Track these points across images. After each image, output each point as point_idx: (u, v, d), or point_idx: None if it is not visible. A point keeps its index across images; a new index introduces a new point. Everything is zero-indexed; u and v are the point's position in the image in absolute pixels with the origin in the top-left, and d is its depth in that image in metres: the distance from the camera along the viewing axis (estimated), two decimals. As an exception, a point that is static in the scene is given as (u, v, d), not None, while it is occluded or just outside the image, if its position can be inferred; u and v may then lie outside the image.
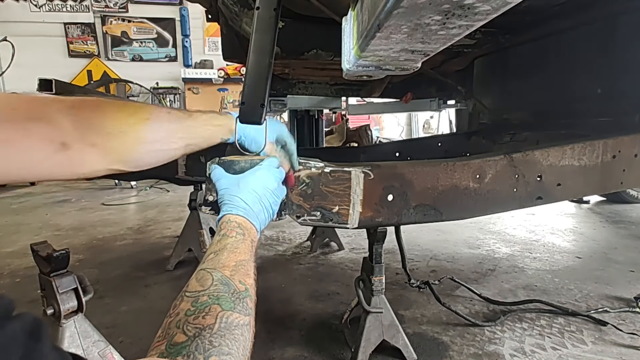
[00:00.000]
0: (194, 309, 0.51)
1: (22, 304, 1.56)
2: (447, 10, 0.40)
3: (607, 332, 1.32)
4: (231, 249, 0.63)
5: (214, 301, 0.53)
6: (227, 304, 0.54)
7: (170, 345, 0.46)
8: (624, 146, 1.23)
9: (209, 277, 0.57)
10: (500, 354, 1.21)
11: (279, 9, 0.85)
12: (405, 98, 2.54)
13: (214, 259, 0.61)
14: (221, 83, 6.39)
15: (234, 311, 0.53)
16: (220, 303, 0.53)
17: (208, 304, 0.52)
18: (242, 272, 0.60)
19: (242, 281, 0.59)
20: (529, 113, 1.81)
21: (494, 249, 2.22)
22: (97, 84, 5.83)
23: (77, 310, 0.95)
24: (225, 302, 0.54)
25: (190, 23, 6.78)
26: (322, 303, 1.57)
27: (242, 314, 0.54)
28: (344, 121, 5.21)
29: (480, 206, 1.05)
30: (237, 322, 0.52)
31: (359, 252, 2.16)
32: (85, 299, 0.96)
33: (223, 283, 0.56)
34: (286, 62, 1.92)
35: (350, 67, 0.67)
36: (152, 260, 2.09)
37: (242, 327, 0.53)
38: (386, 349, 1.16)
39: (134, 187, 4.68)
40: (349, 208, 0.94)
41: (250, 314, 0.56)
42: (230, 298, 0.55)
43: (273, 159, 0.84)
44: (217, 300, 0.53)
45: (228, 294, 0.55)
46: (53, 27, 6.36)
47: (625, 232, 2.50)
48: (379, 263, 1.12)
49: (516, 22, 1.54)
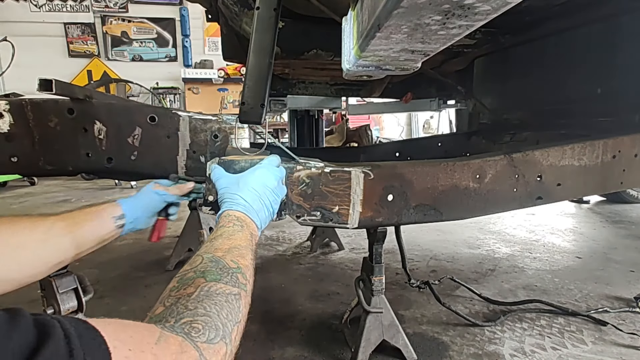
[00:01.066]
0: (178, 285, 0.50)
1: (23, 304, 1.54)
2: (447, 10, 0.40)
3: (607, 332, 1.32)
4: (227, 236, 0.63)
5: (198, 275, 0.52)
6: (211, 276, 0.52)
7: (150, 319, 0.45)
8: (624, 146, 1.23)
9: (199, 258, 0.56)
10: (500, 354, 1.21)
11: (279, 9, 0.85)
12: (405, 98, 2.53)
13: (208, 245, 0.60)
14: (221, 83, 6.39)
15: (219, 282, 0.52)
16: (204, 276, 0.52)
17: (192, 278, 0.51)
18: (235, 253, 0.59)
19: (234, 260, 0.57)
20: (529, 113, 1.81)
21: (494, 249, 2.22)
22: (97, 84, 5.83)
23: (77, 310, 0.95)
24: (210, 275, 0.52)
25: (190, 23, 6.79)
26: (322, 303, 1.57)
27: (229, 285, 0.52)
28: (344, 121, 5.21)
29: (480, 206, 1.05)
30: (221, 290, 0.51)
31: (359, 252, 2.15)
32: (85, 299, 0.97)
33: (212, 261, 0.55)
34: (286, 62, 1.92)
35: (350, 67, 0.67)
36: (152, 260, 2.09)
37: (227, 296, 0.51)
38: (386, 349, 1.16)
39: (134, 187, 4.68)
40: (349, 208, 0.94)
41: (240, 287, 0.54)
42: (216, 272, 0.53)
43: (273, 158, 0.85)
44: (202, 274, 0.52)
45: (215, 269, 0.54)
46: (53, 27, 6.36)
47: (625, 232, 2.50)
48: (379, 263, 1.12)
49: (516, 22, 1.54)
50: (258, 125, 0.92)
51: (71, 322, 0.34)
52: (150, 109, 1.01)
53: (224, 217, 0.69)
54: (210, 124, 1.00)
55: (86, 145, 0.98)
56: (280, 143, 1.18)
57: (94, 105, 0.98)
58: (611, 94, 1.42)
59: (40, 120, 0.96)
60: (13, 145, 0.95)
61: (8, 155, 0.96)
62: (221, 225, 0.66)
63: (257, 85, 0.87)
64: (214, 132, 1.00)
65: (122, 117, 0.99)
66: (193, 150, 1.01)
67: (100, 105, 0.99)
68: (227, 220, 0.68)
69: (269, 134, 0.95)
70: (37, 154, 0.97)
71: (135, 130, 0.99)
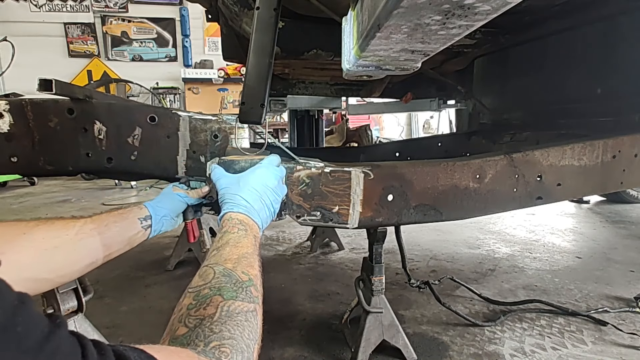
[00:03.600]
0: (196, 302, 0.51)
1: (22, 304, 1.56)
2: (447, 10, 0.40)
3: (607, 332, 1.32)
4: (233, 244, 0.63)
5: (215, 292, 0.53)
6: (228, 293, 0.53)
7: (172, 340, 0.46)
8: (624, 146, 1.23)
9: (211, 271, 0.57)
10: (500, 354, 1.21)
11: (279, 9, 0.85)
12: (405, 98, 2.53)
13: (217, 255, 0.61)
14: (221, 83, 6.39)
15: (237, 300, 0.53)
16: (221, 293, 0.53)
17: (209, 295, 0.52)
18: (244, 263, 0.60)
19: (245, 272, 0.58)
20: (529, 113, 1.81)
21: (494, 249, 2.22)
22: (97, 84, 5.83)
23: (77, 310, 0.95)
24: (226, 292, 0.53)
25: (190, 23, 6.79)
26: (322, 303, 1.57)
27: (245, 301, 0.54)
28: (344, 121, 5.21)
29: (480, 206, 1.05)
30: (239, 309, 0.52)
31: (359, 252, 2.15)
32: (85, 299, 0.97)
33: (225, 275, 0.56)
34: (286, 62, 1.92)
35: (350, 67, 0.67)
36: (152, 260, 2.09)
37: (246, 314, 0.52)
38: (386, 349, 1.16)
39: (134, 187, 4.68)
40: (349, 208, 0.94)
41: (255, 301, 0.55)
42: (232, 288, 0.54)
43: (273, 158, 0.85)
44: (219, 291, 0.53)
45: (230, 284, 0.55)
46: (53, 27, 6.36)
47: (625, 232, 2.50)
48: (379, 263, 1.12)
49: (516, 22, 1.54)
50: (258, 125, 0.92)
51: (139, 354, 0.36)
52: (150, 109, 1.01)
53: (227, 221, 0.69)
54: (210, 124, 1.00)
55: (86, 145, 0.98)
56: (280, 143, 1.18)
57: (94, 105, 0.98)
58: (611, 94, 1.42)
59: (40, 120, 0.96)
60: (13, 145, 0.95)
61: (8, 155, 0.95)
62: (225, 230, 0.67)
63: (257, 85, 0.87)
64: (214, 132, 1.00)
65: (122, 117, 0.99)
66: (193, 150, 1.01)
67: (100, 105, 0.99)
68: (230, 224, 0.68)
69: (269, 134, 0.95)
70: (37, 154, 0.97)
71: (135, 130, 0.99)
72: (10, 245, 0.60)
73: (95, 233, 0.70)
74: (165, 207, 0.83)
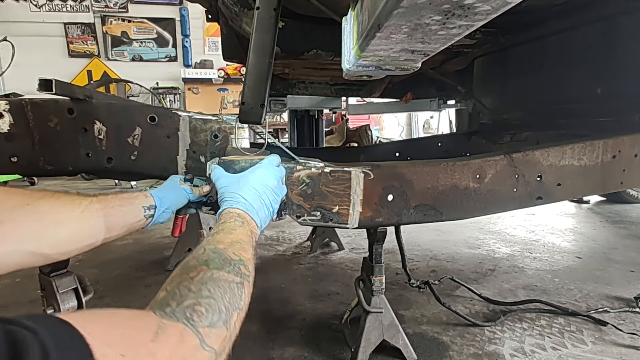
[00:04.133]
0: (181, 272, 0.50)
1: (22, 304, 1.56)
2: (447, 10, 0.40)
3: (607, 332, 1.32)
4: (228, 231, 0.63)
5: (201, 263, 0.52)
6: (214, 264, 0.52)
7: (151, 307, 0.44)
8: (624, 146, 1.23)
9: (202, 249, 0.56)
10: (500, 354, 1.21)
11: (279, 9, 0.85)
12: (405, 98, 2.53)
13: (210, 238, 0.60)
14: (221, 83, 6.39)
15: (222, 270, 0.51)
16: (207, 264, 0.51)
17: (195, 265, 0.51)
18: (237, 247, 0.59)
19: (236, 253, 0.57)
20: (529, 113, 1.81)
21: (494, 249, 2.22)
22: (97, 84, 5.83)
23: (77, 310, 0.95)
24: (212, 263, 0.52)
25: (190, 23, 6.79)
26: (322, 303, 1.57)
27: (231, 274, 0.52)
28: (344, 121, 5.21)
29: (480, 206, 1.05)
30: (224, 277, 0.50)
31: (359, 252, 2.15)
32: (85, 299, 0.97)
33: (214, 252, 0.55)
34: (286, 62, 1.92)
35: (350, 67, 0.67)
36: (152, 260, 2.09)
37: (231, 283, 0.50)
38: (386, 349, 1.16)
39: (134, 187, 4.68)
40: (349, 208, 0.94)
41: (243, 277, 0.54)
42: (219, 261, 0.53)
43: (273, 158, 0.85)
44: (205, 262, 0.52)
45: (218, 259, 0.54)
46: (53, 27, 6.36)
47: (625, 232, 2.50)
48: (379, 263, 1.12)
49: (516, 22, 1.54)
50: (258, 125, 0.92)
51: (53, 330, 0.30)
52: (150, 109, 1.01)
53: (224, 214, 0.69)
54: (210, 124, 1.00)
55: (86, 145, 0.98)
56: (280, 143, 1.18)
57: (94, 105, 0.98)
58: (611, 94, 1.42)
59: (40, 120, 0.96)
60: (13, 145, 0.95)
61: (8, 155, 0.96)
62: (222, 221, 0.67)
63: (257, 85, 0.87)
64: (214, 132, 1.00)
65: (122, 117, 0.99)
66: (193, 150, 1.01)
67: (100, 105, 0.99)
68: (228, 216, 0.68)
69: (269, 134, 0.95)
70: (37, 154, 0.97)
71: (135, 130, 0.99)
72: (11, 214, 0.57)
73: (101, 214, 0.68)
74: (170, 199, 0.82)
